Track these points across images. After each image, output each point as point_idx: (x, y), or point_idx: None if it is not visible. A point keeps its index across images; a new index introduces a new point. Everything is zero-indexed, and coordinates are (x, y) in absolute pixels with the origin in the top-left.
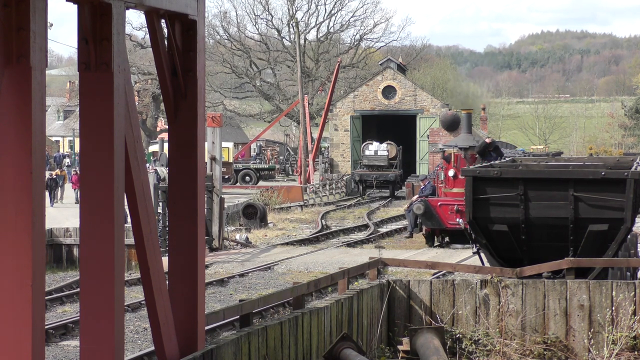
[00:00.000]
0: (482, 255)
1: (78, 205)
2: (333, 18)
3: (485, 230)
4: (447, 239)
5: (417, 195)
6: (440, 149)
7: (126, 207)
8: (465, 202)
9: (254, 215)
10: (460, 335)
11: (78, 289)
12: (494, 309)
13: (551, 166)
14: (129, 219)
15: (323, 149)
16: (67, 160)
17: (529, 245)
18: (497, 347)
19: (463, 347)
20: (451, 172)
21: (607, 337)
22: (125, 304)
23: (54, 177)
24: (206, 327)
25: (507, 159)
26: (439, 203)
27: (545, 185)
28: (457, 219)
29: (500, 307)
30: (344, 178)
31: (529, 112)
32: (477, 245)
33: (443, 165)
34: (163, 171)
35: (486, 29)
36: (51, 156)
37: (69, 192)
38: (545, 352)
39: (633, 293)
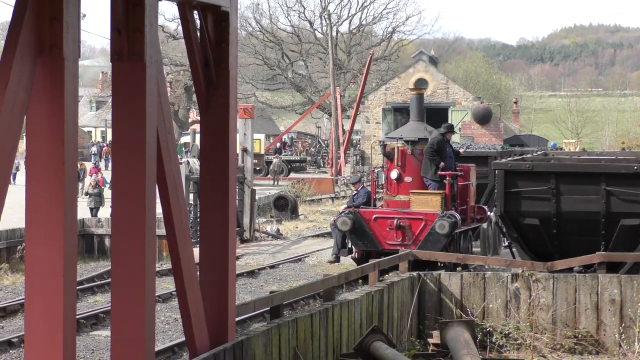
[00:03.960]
0: (513, 249)
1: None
2: (365, 10)
3: (516, 224)
4: None
5: (345, 205)
6: (380, 142)
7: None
8: (496, 196)
9: (285, 207)
10: (491, 329)
11: (109, 279)
12: (524, 302)
13: (583, 160)
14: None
15: (354, 141)
16: (93, 149)
17: (560, 239)
18: (527, 341)
19: (493, 340)
20: (394, 174)
21: (638, 332)
22: (156, 294)
23: None
24: (237, 319)
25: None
26: (374, 216)
27: (577, 179)
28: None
29: (531, 301)
30: (375, 170)
31: (561, 106)
32: (508, 239)
33: (385, 164)
34: (195, 162)
35: (518, 23)
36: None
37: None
38: (575, 347)
39: None
